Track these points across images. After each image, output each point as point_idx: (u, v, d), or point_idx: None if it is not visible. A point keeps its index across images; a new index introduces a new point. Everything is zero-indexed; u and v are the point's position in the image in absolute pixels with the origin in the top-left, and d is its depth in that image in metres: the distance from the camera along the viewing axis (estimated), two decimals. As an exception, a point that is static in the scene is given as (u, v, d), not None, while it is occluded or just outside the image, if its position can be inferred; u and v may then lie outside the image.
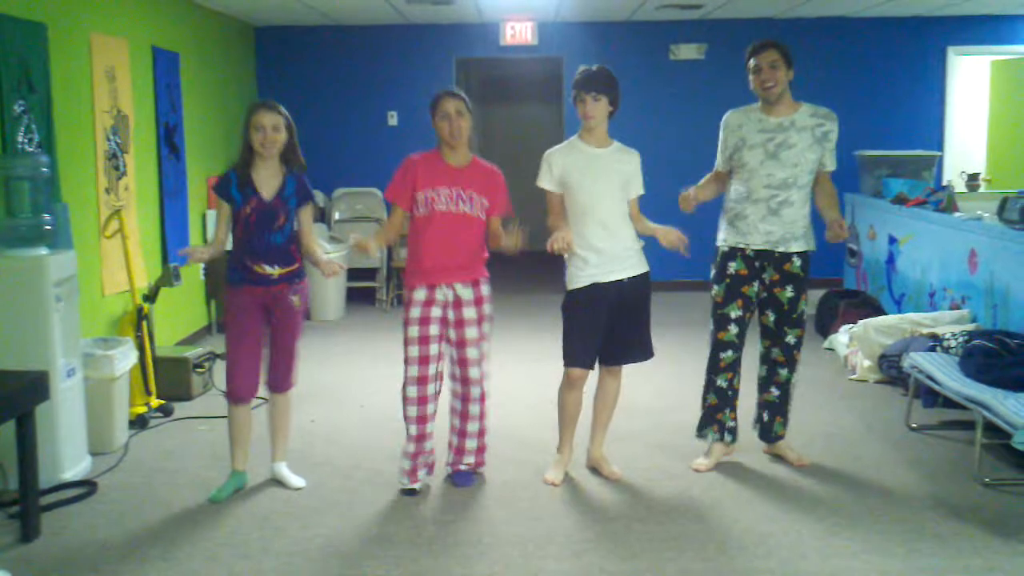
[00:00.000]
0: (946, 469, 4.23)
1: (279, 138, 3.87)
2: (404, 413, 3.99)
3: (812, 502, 3.89)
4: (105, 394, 4.50)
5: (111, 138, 5.58)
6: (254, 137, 3.85)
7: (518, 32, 8.58)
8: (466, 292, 3.95)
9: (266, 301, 3.95)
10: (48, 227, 4.15)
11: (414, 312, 3.91)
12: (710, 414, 4.29)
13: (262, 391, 4.10)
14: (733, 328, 4.17)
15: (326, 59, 8.74)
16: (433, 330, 3.93)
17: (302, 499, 3.97)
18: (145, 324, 5.19)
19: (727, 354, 4.20)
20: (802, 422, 4.72)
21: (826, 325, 6.70)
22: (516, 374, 5.85)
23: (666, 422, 4.91)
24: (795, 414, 4.46)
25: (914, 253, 6.41)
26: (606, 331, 4.01)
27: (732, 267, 4.15)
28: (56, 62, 4.92)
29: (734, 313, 4.16)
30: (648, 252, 4.10)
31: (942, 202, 6.28)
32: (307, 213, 4.03)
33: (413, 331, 3.91)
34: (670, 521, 3.71)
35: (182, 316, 6.69)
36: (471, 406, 4.06)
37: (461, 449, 4.12)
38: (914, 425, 4.79)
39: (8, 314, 3.95)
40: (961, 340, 4.70)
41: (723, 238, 4.21)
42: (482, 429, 4.12)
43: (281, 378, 4.09)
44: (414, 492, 4.02)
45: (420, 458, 4.04)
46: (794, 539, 3.54)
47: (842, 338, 6.16)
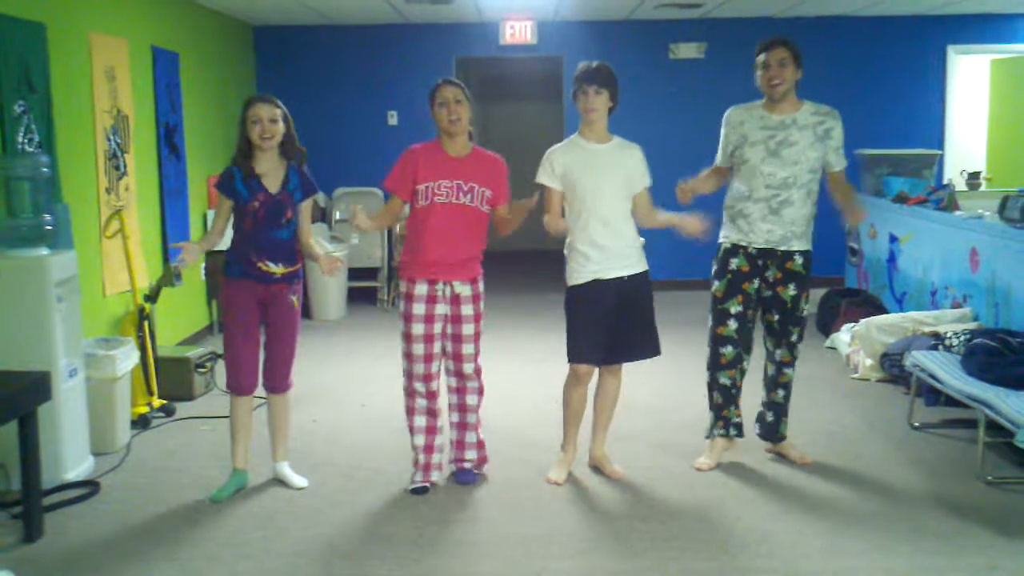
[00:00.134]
0: (948, 468, 4.23)
1: (277, 130, 3.86)
2: (411, 405, 4.00)
3: (814, 501, 3.89)
4: (107, 394, 4.50)
5: (111, 138, 5.58)
6: (252, 130, 3.83)
7: (518, 31, 8.57)
8: (464, 289, 3.94)
9: (264, 298, 3.94)
10: (49, 227, 4.15)
11: (417, 309, 3.90)
12: (717, 411, 4.28)
13: (260, 392, 4.09)
14: (732, 323, 4.16)
15: (326, 59, 8.73)
16: (436, 328, 3.93)
17: (304, 499, 3.97)
18: (147, 324, 5.19)
19: (727, 349, 4.19)
20: (804, 421, 4.72)
21: (828, 324, 6.70)
22: (518, 374, 5.85)
23: (667, 421, 4.91)
24: (797, 413, 4.46)
25: (915, 252, 6.41)
26: (608, 329, 4.01)
27: (734, 263, 4.15)
28: (56, 62, 4.91)
29: (734, 308, 4.16)
30: (649, 251, 4.10)
31: (943, 201, 6.29)
32: (307, 207, 4.02)
33: (417, 328, 3.90)
34: (672, 520, 3.71)
35: (183, 316, 6.69)
36: (468, 397, 4.07)
37: (461, 442, 4.13)
38: (916, 424, 4.79)
39: (10, 315, 3.95)
40: (963, 339, 4.70)
41: (725, 235, 4.21)
42: (479, 421, 4.12)
43: (279, 379, 4.08)
44: (425, 490, 4.01)
45: (433, 455, 4.05)
46: (796, 538, 3.54)
47: (844, 337, 6.16)
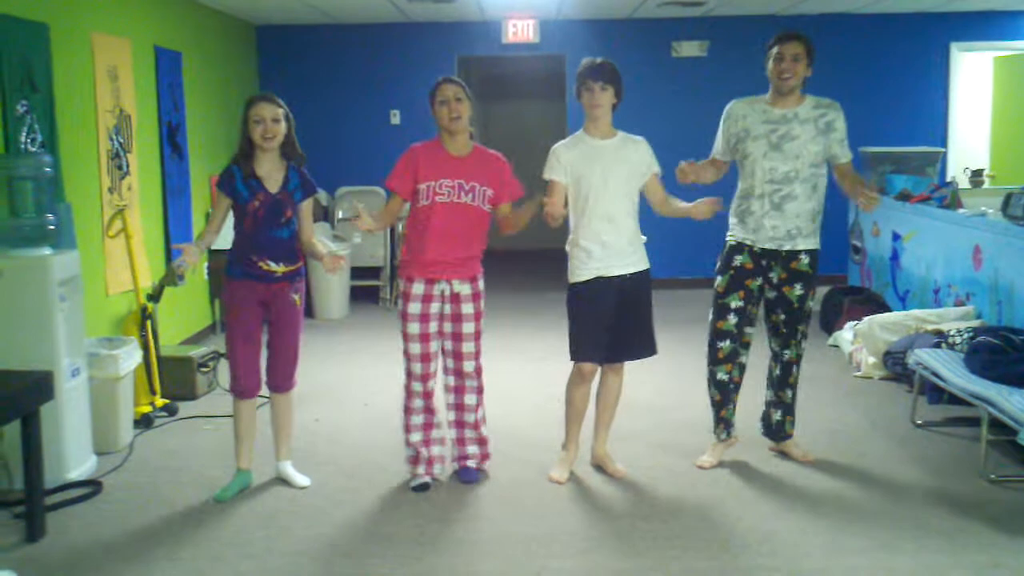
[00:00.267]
0: (951, 466, 4.22)
1: (279, 130, 3.85)
2: (408, 404, 4.01)
3: (817, 499, 3.89)
4: (110, 394, 4.51)
5: (114, 137, 5.58)
6: (254, 130, 3.82)
7: (520, 30, 8.57)
8: (464, 288, 3.95)
9: (266, 298, 3.94)
10: (51, 227, 4.15)
11: (413, 308, 3.91)
12: (716, 411, 4.29)
13: (264, 391, 4.09)
14: (732, 318, 4.16)
15: (328, 58, 8.73)
16: (433, 327, 3.94)
17: (307, 498, 3.98)
18: (149, 323, 5.19)
19: (725, 344, 4.18)
20: (807, 419, 4.71)
21: (831, 322, 6.69)
22: (520, 373, 5.84)
23: (668, 420, 4.90)
24: (800, 411, 4.45)
25: (918, 250, 6.40)
26: (609, 327, 4.00)
27: (738, 260, 4.15)
28: (58, 62, 4.92)
29: (734, 303, 4.15)
30: (650, 250, 4.09)
31: (946, 198, 6.28)
32: (308, 206, 4.02)
33: (414, 327, 3.92)
34: (674, 519, 3.71)
35: (186, 315, 6.69)
36: (467, 397, 4.07)
37: (462, 440, 4.13)
38: (919, 422, 4.79)
39: (12, 314, 3.95)
40: (966, 336, 4.70)
41: (731, 233, 4.21)
42: (479, 420, 4.12)
43: (283, 378, 4.08)
44: (427, 487, 4.02)
45: (433, 448, 4.06)
46: (799, 536, 3.54)
47: (847, 335, 6.15)
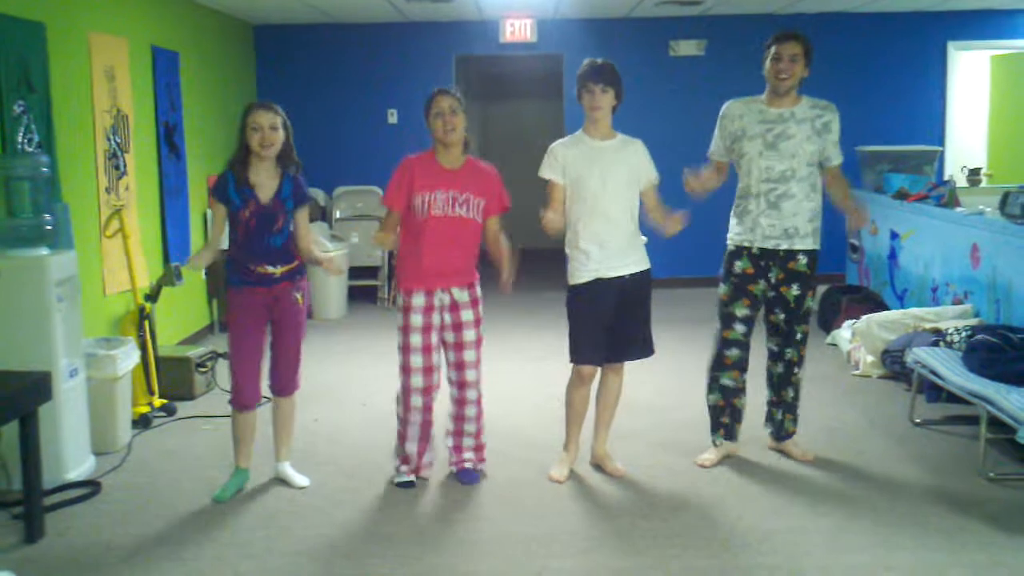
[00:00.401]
0: (950, 464, 4.23)
1: (277, 138, 3.82)
2: (406, 417, 4.00)
3: (816, 498, 3.89)
4: (108, 394, 4.50)
5: (111, 137, 5.57)
6: (252, 137, 3.79)
7: (518, 29, 8.56)
8: (463, 295, 3.94)
9: (268, 301, 3.93)
10: (49, 227, 4.14)
11: (415, 320, 3.89)
12: (716, 416, 4.29)
13: (266, 392, 4.08)
14: (739, 327, 4.17)
15: (326, 57, 8.72)
16: (434, 338, 3.93)
17: (306, 498, 3.97)
18: (147, 324, 5.19)
19: (732, 352, 4.19)
20: (806, 418, 4.70)
21: (829, 321, 6.69)
22: (518, 373, 5.84)
23: (668, 419, 4.90)
24: (799, 410, 4.45)
25: (916, 248, 6.41)
26: (609, 328, 4.00)
27: (738, 266, 4.15)
28: (55, 62, 4.91)
29: (740, 312, 4.16)
30: (650, 249, 4.09)
31: (943, 197, 6.28)
32: (303, 215, 3.99)
33: (416, 339, 3.90)
34: (674, 518, 3.71)
35: (184, 315, 6.69)
36: (467, 408, 4.07)
37: (459, 447, 4.13)
38: (918, 420, 4.79)
39: (10, 315, 3.94)
40: (964, 335, 4.70)
41: (730, 236, 4.21)
42: (479, 429, 4.13)
43: (286, 381, 4.08)
44: (412, 484, 4.03)
45: (424, 457, 4.09)
46: (798, 535, 3.54)
47: (845, 334, 6.16)
